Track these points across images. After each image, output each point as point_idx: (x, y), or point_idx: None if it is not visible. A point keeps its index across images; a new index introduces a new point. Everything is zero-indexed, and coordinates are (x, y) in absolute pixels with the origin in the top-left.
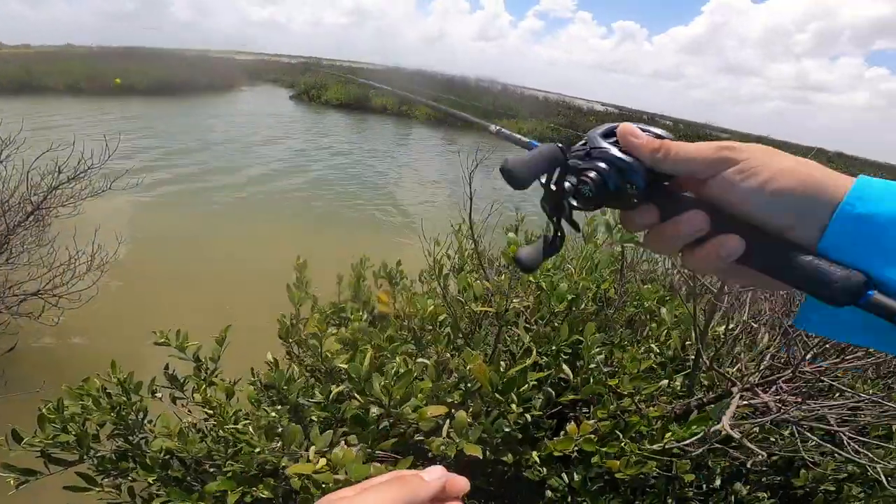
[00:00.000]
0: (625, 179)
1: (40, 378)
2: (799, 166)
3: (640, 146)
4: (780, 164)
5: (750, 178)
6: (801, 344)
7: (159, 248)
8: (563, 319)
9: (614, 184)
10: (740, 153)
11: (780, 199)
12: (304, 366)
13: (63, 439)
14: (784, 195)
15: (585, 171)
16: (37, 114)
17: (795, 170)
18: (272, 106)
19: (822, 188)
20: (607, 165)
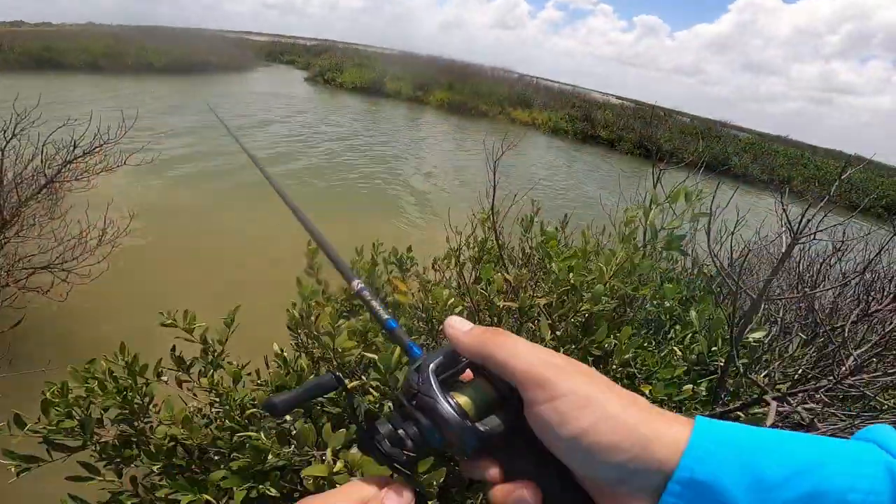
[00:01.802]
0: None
1: (46, 355)
2: (625, 413)
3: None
4: (603, 408)
5: (566, 425)
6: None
7: (170, 226)
8: (586, 318)
9: (436, 444)
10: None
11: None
12: (312, 358)
13: (67, 425)
14: (603, 452)
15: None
16: (55, 90)
17: (619, 419)
18: (287, 87)
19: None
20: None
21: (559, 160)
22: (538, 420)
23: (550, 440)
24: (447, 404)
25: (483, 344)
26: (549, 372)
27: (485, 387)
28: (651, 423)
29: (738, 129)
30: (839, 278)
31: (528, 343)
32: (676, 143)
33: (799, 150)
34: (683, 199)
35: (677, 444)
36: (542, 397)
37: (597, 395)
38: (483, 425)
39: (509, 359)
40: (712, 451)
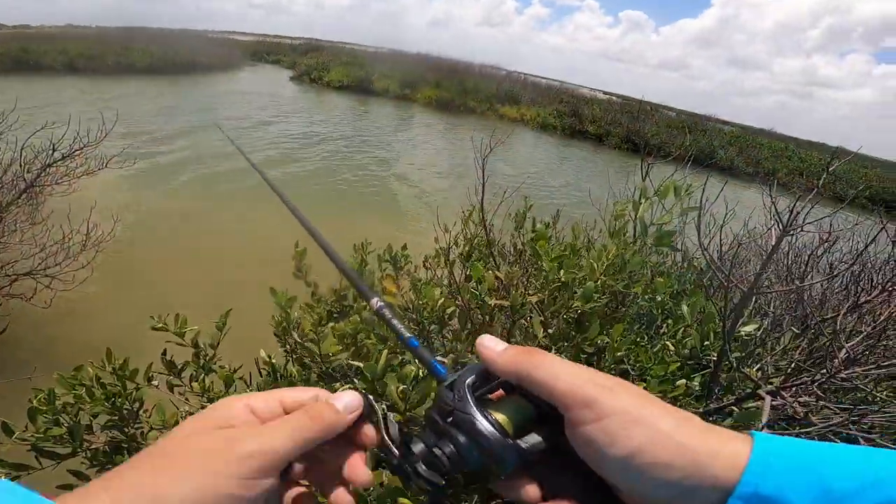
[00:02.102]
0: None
1: (33, 362)
2: (679, 431)
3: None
4: (655, 427)
5: (616, 445)
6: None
7: (156, 229)
8: (577, 315)
9: (474, 463)
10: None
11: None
12: (302, 363)
13: (55, 433)
14: (657, 471)
15: (441, 441)
16: (34, 92)
17: (673, 437)
18: (272, 87)
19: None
20: (467, 440)
21: (548, 156)
22: (584, 440)
23: (598, 460)
24: (486, 421)
25: (520, 364)
26: (596, 391)
27: (522, 405)
28: (706, 440)
29: (724, 123)
30: (827, 269)
31: (567, 362)
32: (664, 137)
33: (783, 142)
34: (673, 193)
35: (736, 460)
36: (588, 417)
37: (647, 413)
38: (524, 442)
39: (549, 379)
40: (775, 465)
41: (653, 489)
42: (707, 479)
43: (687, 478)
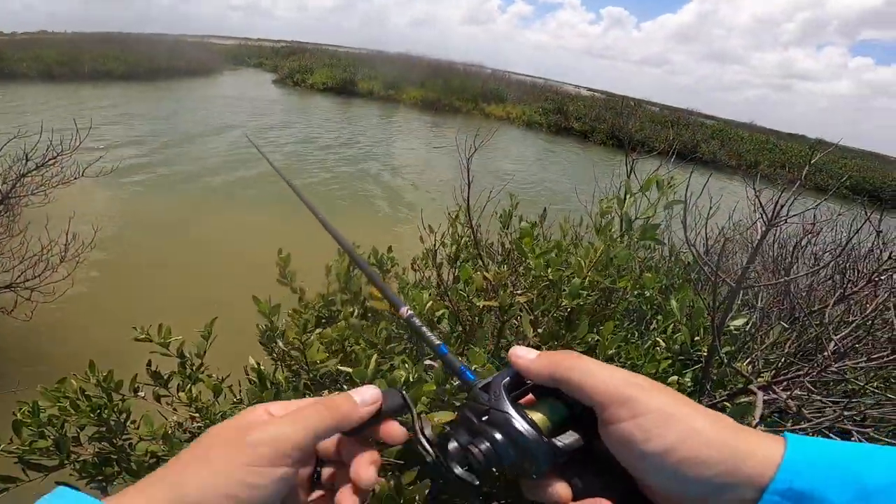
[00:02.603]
0: (523, 457)
1: (17, 374)
2: (713, 429)
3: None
4: (690, 425)
5: (651, 441)
6: (823, 338)
7: (137, 238)
8: (567, 313)
9: (509, 460)
10: (646, 401)
11: (686, 472)
12: (291, 369)
13: (41, 445)
14: (692, 467)
15: (477, 439)
16: (7, 101)
17: (707, 434)
18: (254, 90)
19: (740, 460)
20: (503, 437)
21: (534, 153)
22: (620, 437)
23: (632, 457)
24: (523, 420)
25: (555, 366)
26: (632, 390)
27: (556, 406)
28: (741, 438)
29: (705, 117)
30: (812, 260)
31: (601, 363)
32: (647, 132)
33: (764, 135)
34: (656, 187)
35: (771, 457)
36: (624, 415)
37: (682, 412)
38: (559, 441)
39: (586, 379)
40: (810, 462)
41: (687, 486)
42: (742, 475)
43: (721, 474)
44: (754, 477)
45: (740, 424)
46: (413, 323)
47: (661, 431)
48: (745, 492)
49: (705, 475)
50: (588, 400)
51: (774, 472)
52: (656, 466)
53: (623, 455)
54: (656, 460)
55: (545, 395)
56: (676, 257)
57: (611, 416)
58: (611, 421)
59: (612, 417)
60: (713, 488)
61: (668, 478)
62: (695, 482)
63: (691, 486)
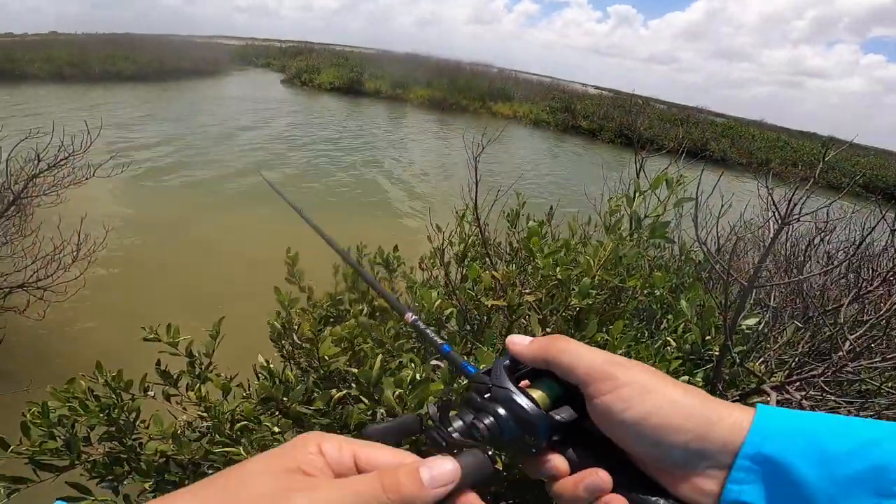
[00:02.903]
0: (524, 430)
1: (28, 374)
2: (686, 397)
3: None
4: (665, 394)
5: (630, 410)
6: (837, 338)
7: (147, 238)
8: (576, 312)
9: (511, 433)
10: (624, 375)
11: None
12: (300, 367)
13: (51, 446)
14: (668, 433)
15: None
16: (18, 102)
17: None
18: (262, 91)
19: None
20: (506, 411)
21: (542, 152)
22: (603, 408)
23: (615, 426)
24: (523, 395)
25: (546, 349)
26: (613, 367)
27: (552, 384)
28: (712, 406)
29: (715, 115)
30: (825, 258)
31: (587, 346)
32: (656, 130)
33: (775, 133)
34: (665, 185)
35: (740, 425)
36: (606, 388)
37: (658, 383)
38: (557, 414)
39: (574, 359)
40: (777, 429)
41: (667, 451)
42: (716, 441)
43: (696, 439)
44: (727, 442)
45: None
46: (417, 326)
47: (639, 400)
48: (720, 457)
49: (680, 440)
50: (575, 378)
51: (744, 438)
52: (636, 434)
53: (607, 426)
54: (635, 428)
55: (540, 377)
56: (687, 256)
57: (595, 391)
58: (595, 395)
59: (596, 391)
60: (691, 453)
61: (648, 444)
62: (673, 447)
63: (671, 452)
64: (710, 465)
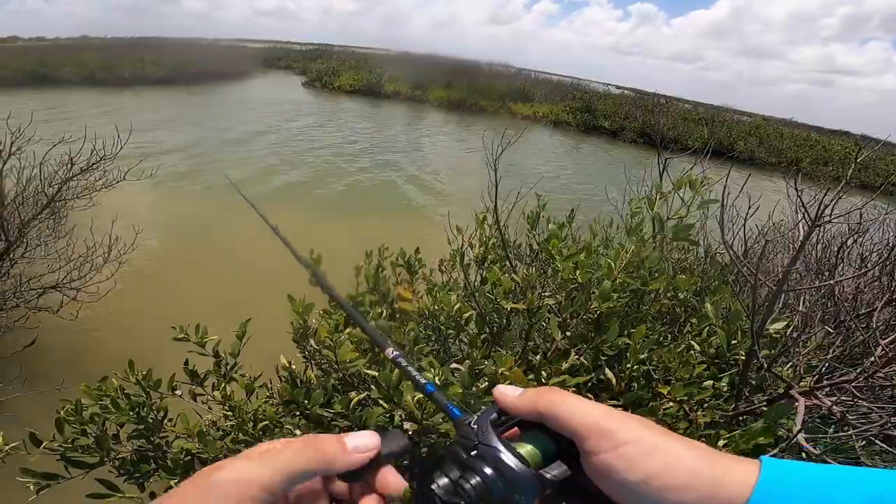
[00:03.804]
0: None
1: (61, 373)
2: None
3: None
4: (669, 452)
5: (633, 471)
6: (870, 343)
7: (176, 240)
8: (597, 315)
9: (499, 494)
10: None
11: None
12: (321, 368)
13: (82, 442)
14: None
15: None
16: (51, 106)
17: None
18: (285, 93)
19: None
20: (493, 471)
21: (562, 153)
22: (602, 467)
23: (615, 487)
24: (510, 453)
25: (537, 402)
26: (611, 423)
27: (542, 438)
28: (718, 463)
29: (742, 114)
30: (858, 261)
31: (581, 398)
32: (680, 130)
33: (805, 132)
34: (688, 187)
35: (746, 481)
36: (606, 446)
37: (660, 440)
38: (547, 472)
39: (568, 413)
40: (783, 485)
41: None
42: (722, 499)
43: (703, 499)
44: (733, 500)
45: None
46: (399, 363)
47: (641, 461)
48: None
49: (687, 499)
50: (570, 433)
51: (750, 494)
52: (638, 495)
53: (605, 485)
54: (638, 489)
55: (530, 428)
56: (712, 258)
57: (592, 447)
58: (592, 452)
59: (594, 448)
60: None
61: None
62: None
63: None
64: None
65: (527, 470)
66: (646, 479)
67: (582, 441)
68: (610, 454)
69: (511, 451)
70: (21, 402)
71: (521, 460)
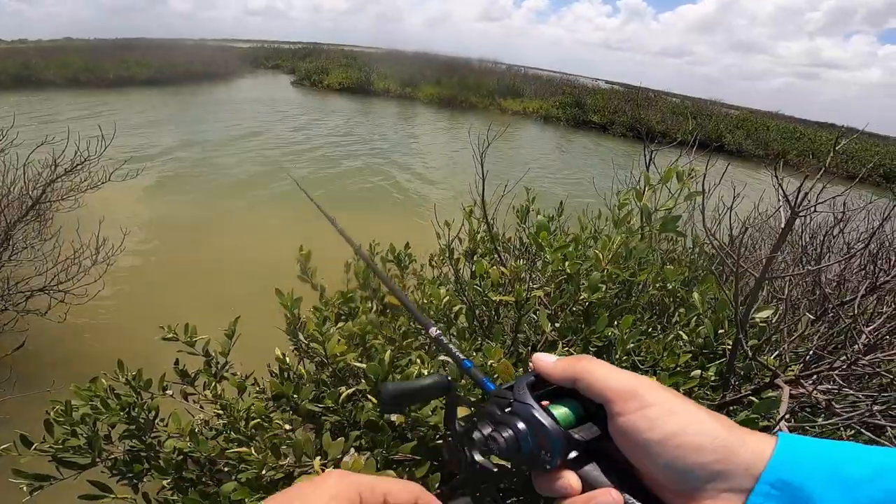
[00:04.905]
0: (542, 446)
1: (52, 375)
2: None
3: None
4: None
5: (654, 430)
6: (853, 330)
7: (164, 240)
8: (585, 307)
9: (528, 448)
10: (650, 395)
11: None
12: (314, 361)
13: (73, 443)
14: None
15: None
16: (35, 108)
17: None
18: (273, 92)
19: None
20: (525, 426)
21: (552, 147)
22: (627, 427)
23: (637, 445)
24: (543, 411)
25: (573, 368)
26: (639, 387)
27: (573, 404)
28: (736, 431)
29: (730, 107)
30: (843, 249)
31: (613, 366)
32: (669, 123)
33: (791, 124)
34: (675, 178)
35: (762, 450)
36: (633, 407)
37: (683, 405)
38: (577, 432)
39: (601, 377)
40: (798, 456)
41: (686, 472)
42: (739, 463)
43: (719, 461)
44: (749, 466)
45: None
46: (441, 341)
47: (665, 419)
48: (741, 480)
49: (702, 461)
50: (601, 396)
51: (766, 463)
52: (658, 453)
53: (629, 445)
54: (658, 448)
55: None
56: (700, 249)
57: (620, 409)
58: (620, 413)
59: (622, 410)
60: (710, 475)
61: (669, 464)
62: (693, 468)
63: (690, 472)
64: (730, 487)
65: (558, 428)
66: (664, 438)
67: (611, 403)
68: (636, 415)
69: (545, 410)
70: (12, 404)
71: (553, 419)
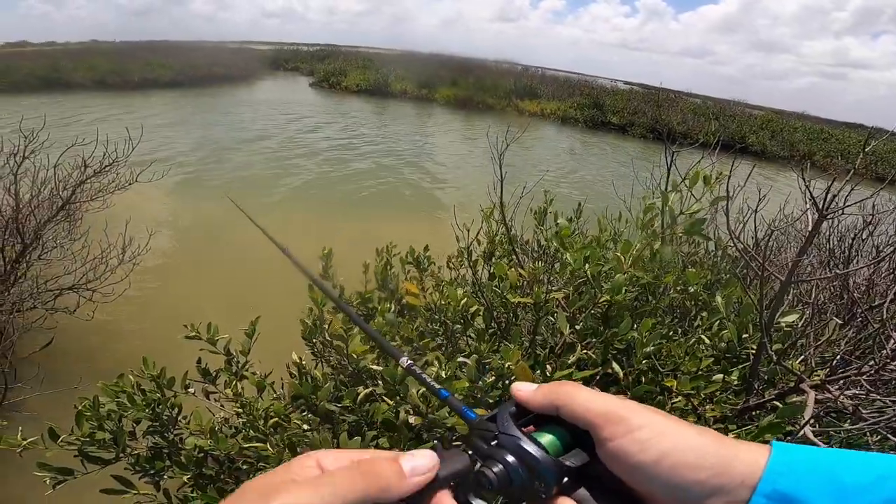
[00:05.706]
0: (534, 476)
1: (77, 373)
2: (701, 437)
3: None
4: (680, 434)
5: (645, 452)
6: (881, 335)
7: (189, 241)
8: (605, 309)
9: (520, 481)
10: (637, 417)
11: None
12: (330, 364)
13: (100, 437)
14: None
15: (488, 462)
16: (64, 110)
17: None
18: (293, 94)
19: (729, 462)
20: (515, 459)
21: (570, 149)
22: (616, 452)
23: (629, 469)
24: (531, 441)
25: (555, 395)
26: (624, 410)
27: (559, 430)
28: (727, 445)
29: (753, 108)
30: (872, 253)
31: (594, 390)
32: (690, 124)
33: (818, 125)
34: (702, 181)
35: (757, 461)
36: (621, 431)
37: (671, 425)
38: (567, 459)
39: (584, 402)
40: (792, 465)
41: (682, 490)
42: (734, 477)
43: (715, 476)
44: (745, 478)
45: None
46: (413, 371)
47: (654, 442)
48: (738, 492)
49: (698, 478)
50: (586, 422)
51: (760, 474)
52: (653, 474)
53: (620, 469)
54: (652, 469)
55: (545, 422)
56: (724, 252)
57: (609, 434)
58: (609, 438)
59: (610, 434)
60: (708, 490)
61: (664, 484)
62: (690, 485)
63: (687, 490)
64: (727, 501)
65: (547, 457)
66: (658, 459)
67: (598, 429)
68: (625, 439)
69: (531, 440)
70: (39, 401)
71: (542, 448)
